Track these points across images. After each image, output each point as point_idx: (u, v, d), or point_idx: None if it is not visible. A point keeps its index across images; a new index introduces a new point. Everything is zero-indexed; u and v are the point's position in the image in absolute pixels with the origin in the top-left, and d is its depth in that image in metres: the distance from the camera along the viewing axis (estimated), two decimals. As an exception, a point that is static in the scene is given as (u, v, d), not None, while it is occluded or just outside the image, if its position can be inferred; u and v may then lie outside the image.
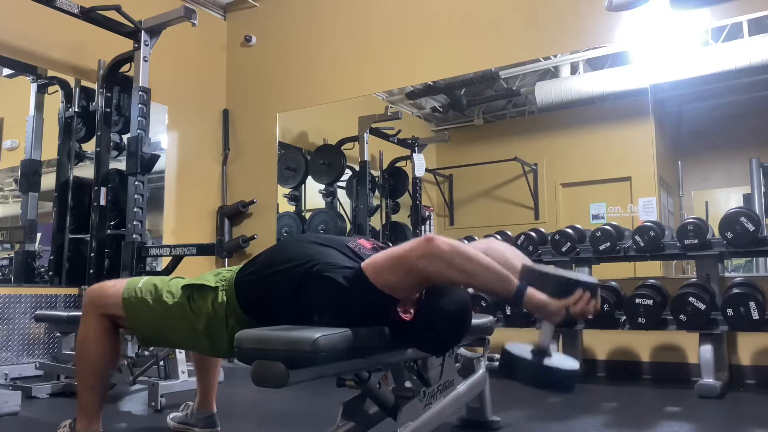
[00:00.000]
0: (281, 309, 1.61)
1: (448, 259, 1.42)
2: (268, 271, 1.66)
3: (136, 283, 1.80)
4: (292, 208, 5.05)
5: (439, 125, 5.36)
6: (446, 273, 1.43)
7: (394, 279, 1.46)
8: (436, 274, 1.43)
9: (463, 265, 1.43)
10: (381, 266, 1.48)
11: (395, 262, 1.47)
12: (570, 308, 1.46)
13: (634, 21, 3.65)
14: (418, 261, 1.43)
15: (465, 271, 1.43)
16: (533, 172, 4.77)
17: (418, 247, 1.44)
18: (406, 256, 1.45)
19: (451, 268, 1.42)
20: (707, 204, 4.10)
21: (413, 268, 1.44)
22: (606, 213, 4.26)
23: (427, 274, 1.43)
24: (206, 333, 1.70)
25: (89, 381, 1.82)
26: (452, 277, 1.44)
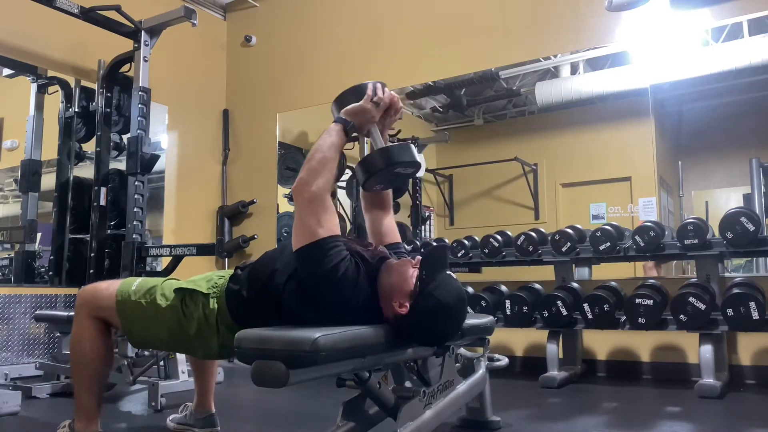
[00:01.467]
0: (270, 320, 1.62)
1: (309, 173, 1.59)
2: (255, 283, 1.69)
3: (130, 285, 1.80)
4: (292, 208, 5.03)
5: (439, 125, 5.36)
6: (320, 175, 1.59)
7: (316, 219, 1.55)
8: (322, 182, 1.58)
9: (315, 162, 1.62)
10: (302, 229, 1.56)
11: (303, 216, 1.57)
12: (374, 99, 1.74)
13: (634, 21, 3.65)
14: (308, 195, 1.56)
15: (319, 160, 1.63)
16: (533, 172, 4.77)
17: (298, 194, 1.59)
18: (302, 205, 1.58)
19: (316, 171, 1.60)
20: (707, 204, 4.10)
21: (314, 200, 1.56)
22: (606, 213, 4.26)
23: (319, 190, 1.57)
24: (197, 337, 1.71)
25: (85, 382, 1.82)
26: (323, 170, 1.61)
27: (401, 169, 1.79)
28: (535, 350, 3.72)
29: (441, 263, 1.62)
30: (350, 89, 1.82)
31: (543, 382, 3.22)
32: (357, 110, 1.75)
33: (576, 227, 3.66)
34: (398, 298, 1.56)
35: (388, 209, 2.01)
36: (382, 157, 1.75)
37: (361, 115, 1.75)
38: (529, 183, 4.76)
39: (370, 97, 1.75)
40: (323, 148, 1.66)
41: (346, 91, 1.82)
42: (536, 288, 3.58)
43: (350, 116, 1.74)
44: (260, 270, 1.72)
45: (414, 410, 1.66)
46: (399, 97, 1.84)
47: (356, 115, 1.74)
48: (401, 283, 1.58)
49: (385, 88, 1.80)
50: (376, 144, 1.79)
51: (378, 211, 1.97)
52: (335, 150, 1.67)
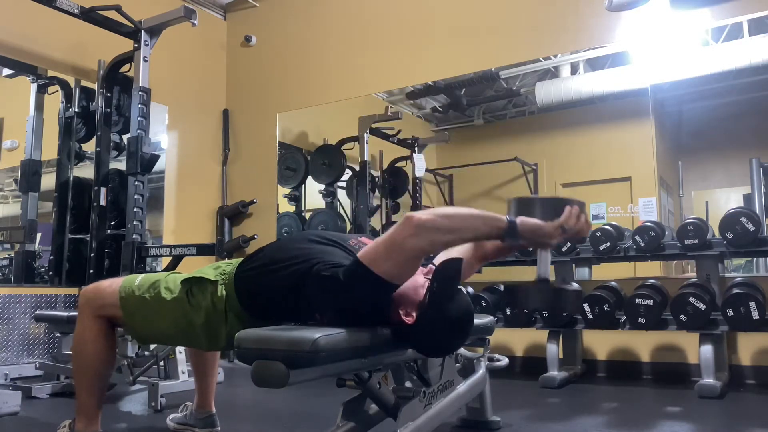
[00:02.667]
0: (281, 306, 1.61)
1: (433, 226, 1.41)
2: (269, 268, 1.65)
3: (133, 281, 1.79)
4: (292, 208, 5.05)
5: (439, 125, 5.36)
6: (437, 239, 1.43)
7: (392, 263, 1.44)
8: (429, 245, 1.42)
9: (448, 224, 1.43)
10: (376, 254, 1.46)
11: (388, 247, 1.45)
12: (564, 226, 1.47)
13: (634, 21, 3.65)
14: (407, 240, 1.41)
15: (453, 229, 1.43)
16: (533, 172, 4.77)
17: (402, 228, 1.42)
18: (396, 240, 1.43)
19: (440, 232, 1.42)
20: (707, 204, 4.10)
21: (406, 248, 1.42)
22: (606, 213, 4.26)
23: (420, 248, 1.42)
24: (204, 327, 1.69)
25: (87, 382, 1.82)
26: (444, 240, 1.44)
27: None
28: (535, 350, 3.72)
29: (453, 277, 1.57)
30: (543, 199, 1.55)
31: (543, 382, 3.22)
32: (538, 231, 1.48)
33: (576, 227, 3.65)
34: (406, 306, 1.53)
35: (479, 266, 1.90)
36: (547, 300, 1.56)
37: (540, 238, 1.49)
38: (529, 183, 4.76)
39: (562, 223, 1.48)
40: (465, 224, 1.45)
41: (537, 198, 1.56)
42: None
43: (527, 231, 1.47)
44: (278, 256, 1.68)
45: (414, 410, 1.66)
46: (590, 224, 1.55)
47: (534, 233, 1.48)
48: (410, 291, 1.55)
49: (582, 215, 1.51)
50: (541, 270, 1.55)
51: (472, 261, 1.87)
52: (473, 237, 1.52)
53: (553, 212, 1.48)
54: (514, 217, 1.47)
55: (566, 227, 1.48)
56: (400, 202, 5.13)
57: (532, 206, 1.51)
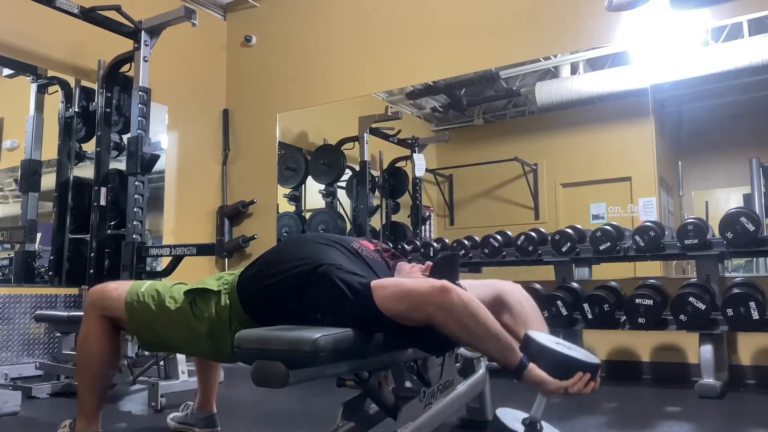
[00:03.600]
0: (284, 309, 1.61)
1: (458, 316, 1.40)
2: (270, 272, 1.66)
3: (139, 287, 1.80)
4: (292, 208, 5.05)
5: (439, 125, 5.36)
6: (452, 327, 1.42)
7: (400, 309, 1.44)
8: (441, 324, 1.42)
9: (470, 326, 1.41)
10: (390, 293, 1.45)
11: (406, 295, 1.44)
12: (568, 389, 1.45)
13: (634, 21, 3.65)
14: (427, 306, 1.41)
15: (471, 332, 1.42)
16: (533, 172, 4.77)
17: (431, 293, 1.41)
18: (417, 298, 1.43)
19: (458, 325, 1.41)
20: (707, 204, 4.10)
21: (420, 309, 1.42)
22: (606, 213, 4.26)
23: (432, 319, 1.42)
24: (209, 337, 1.70)
25: (89, 381, 1.83)
26: (457, 333, 1.43)
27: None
28: (535, 350, 3.72)
29: (451, 272, 1.59)
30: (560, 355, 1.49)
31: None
32: (542, 385, 1.45)
33: (576, 227, 3.66)
34: None
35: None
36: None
37: (545, 390, 1.47)
38: (529, 183, 4.77)
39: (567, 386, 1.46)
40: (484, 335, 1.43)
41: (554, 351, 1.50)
42: (536, 288, 3.58)
43: (531, 380, 1.45)
44: (278, 259, 1.69)
45: (414, 410, 1.66)
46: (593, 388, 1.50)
47: (537, 386, 1.46)
48: None
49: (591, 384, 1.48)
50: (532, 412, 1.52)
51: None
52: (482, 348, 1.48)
53: (564, 373, 1.46)
54: (527, 362, 1.45)
55: (571, 391, 1.46)
56: (400, 202, 5.13)
57: (545, 356, 1.48)
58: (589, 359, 1.51)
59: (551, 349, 1.50)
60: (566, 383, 1.45)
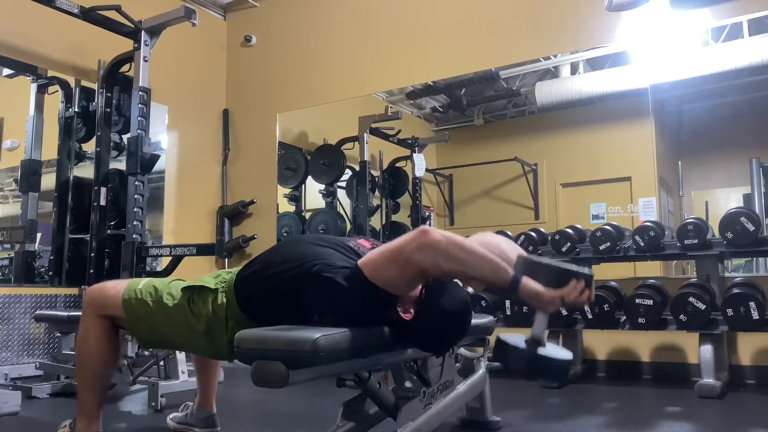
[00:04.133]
0: (281, 310, 1.61)
1: (443, 250, 1.42)
2: (267, 272, 1.66)
3: (137, 284, 1.80)
4: (292, 208, 5.05)
5: (439, 125, 5.36)
6: (442, 264, 1.43)
7: (391, 274, 1.46)
8: (431, 266, 1.43)
9: (457, 255, 1.43)
10: (377, 262, 1.48)
11: (391, 256, 1.47)
12: (564, 298, 1.47)
13: (634, 21, 3.65)
14: (413, 254, 1.43)
15: (460, 261, 1.44)
16: (533, 172, 4.77)
17: (412, 239, 1.44)
18: (402, 250, 1.45)
19: (447, 258, 1.42)
20: (707, 204, 4.10)
21: (409, 262, 1.44)
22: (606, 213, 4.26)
23: (423, 266, 1.43)
24: (206, 335, 1.70)
25: (89, 381, 1.82)
26: (448, 267, 1.44)
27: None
28: (535, 350, 3.72)
29: None
30: (553, 267, 1.52)
31: (543, 382, 3.21)
32: (538, 297, 1.48)
33: (576, 227, 3.66)
34: (403, 303, 1.55)
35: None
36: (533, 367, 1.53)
37: (540, 303, 1.49)
38: (529, 183, 4.77)
39: (563, 295, 1.47)
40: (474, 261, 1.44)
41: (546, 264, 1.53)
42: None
43: (527, 296, 1.48)
44: (275, 259, 1.69)
45: (414, 410, 1.66)
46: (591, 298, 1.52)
47: (533, 299, 1.49)
48: None
49: (586, 291, 1.49)
50: (534, 331, 1.52)
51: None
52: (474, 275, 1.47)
53: (558, 282, 1.48)
54: (519, 275, 1.47)
55: (567, 300, 1.47)
56: (400, 202, 5.13)
57: (538, 270, 1.50)
58: (582, 269, 1.53)
59: (543, 262, 1.54)
60: (561, 292, 1.47)
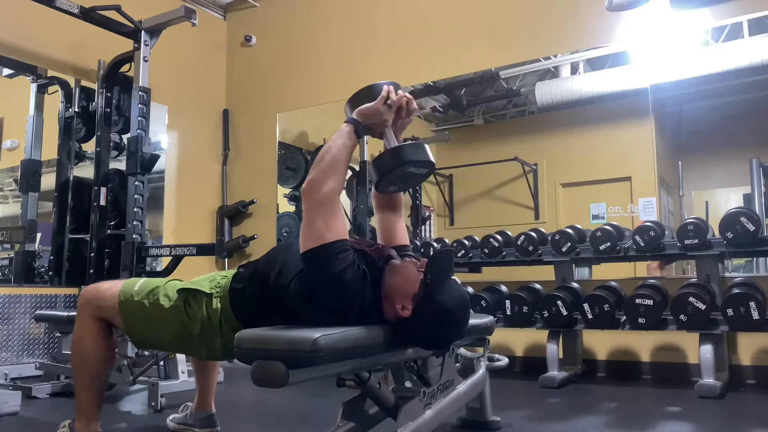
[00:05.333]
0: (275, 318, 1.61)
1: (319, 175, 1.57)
2: (258, 281, 1.68)
3: (133, 285, 1.80)
4: (292, 208, 5.05)
5: (439, 125, 5.36)
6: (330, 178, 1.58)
7: (324, 222, 1.54)
8: (332, 184, 1.58)
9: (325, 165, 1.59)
10: (309, 233, 1.55)
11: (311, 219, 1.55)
12: (388, 101, 1.71)
13: (634, 21, 3.65)
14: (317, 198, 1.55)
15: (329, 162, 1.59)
16: (533, 172, 4.77)
17: (306, 197, 1.57)
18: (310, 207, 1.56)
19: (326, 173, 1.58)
20: (707, 204, 4.10)
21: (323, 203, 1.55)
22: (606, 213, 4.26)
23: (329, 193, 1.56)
24: (201, 337, 1.71)
25: (86, 381, 1.82)
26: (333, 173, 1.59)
27: (414, 169, 1.75)
28: (535, 350, 3.72)
29: (446, 268, 1.60)
30: (363, 89, 1.78)
31: (543, 382, 3.22)
32: (369, 111, 1.71)
33: (576, 227, 3.66)
34: (401, 300, 1.55)
35: (400, 211, 1.99)
36: (394, 157, 1.71)
37: (374, 117, 1.72)
38: (529, 183, 4.76)
39: (383, 99, 1.71)
40: (333, 150, 1.62)
41: (359, 91, 1.78)
42: (536, 288, 3.58)
43: (362, 117, 1.71)
44: (265, 268, 1.72)
45: (414, 410, 1.66)
46: (412, 98, 1.80)
47: (368, 116, 1.71)
48: (405, 285, 1.57)
49: (399, 90, 1.76)
50: (389, 145, 1.75)
51: (389, 213, 1.97)
52: (346, 152, 1.64)
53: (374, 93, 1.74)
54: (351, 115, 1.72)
55: (389, 102, 1.71)
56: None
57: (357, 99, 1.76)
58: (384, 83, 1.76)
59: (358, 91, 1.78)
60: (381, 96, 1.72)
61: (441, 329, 1.58)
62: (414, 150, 1.73)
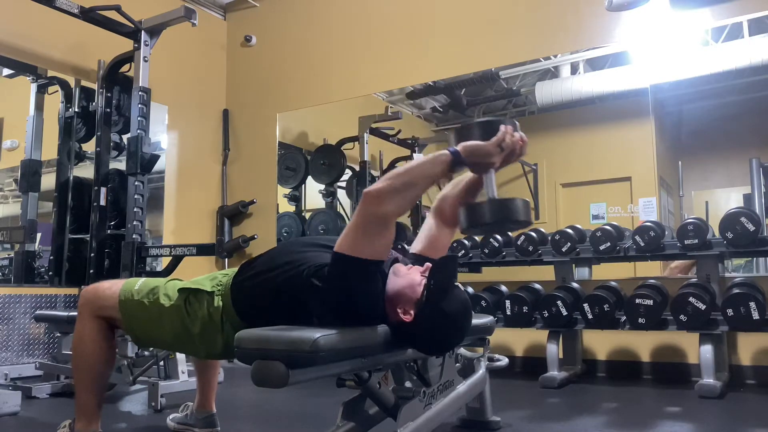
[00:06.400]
0: (276, 314, 1.61)
1: (391, 189, 1.46)
2: (263, 277, 1.67)
3: (133, 285, 1.80)
4: (292, 208, 5.05)
5: (439, 125, 5.36)
6: (398, 199, 1.47)
7: (369, 240, 1.47)
8: (394, 207, 1.47)
9: (403, 181, 1.48)
10: (352, 238, 1.49)
11: (361, 226, 1.48)
12: (502, 144, 1.57)
13: (634, 21, 3.65)
14: (376, 212, 1.46)
15: (408, 183, 1.48)
16: (533, 172, 4.76)
17: (366, 204, 1.47)
18: (365, 216, 1.47)
19: (399, 192, 1.47)
20: (707, 204, 4.10)
21: (377, 219, 1.46)
22: (606, 213, 4.26)
23: (389, 213, 1.47)
24: (201, 337, 1.70)
25: (87, 382, 1.82)
26: (404, 196, 1.48)
27: (513, 225, 1.65)
28: (535, 350, 3.72)
29: (450, 274, 1.58)
30: (479, 123, 1.61)
31: (543, 382, 3.22)
32: (479, 150, 1.56)
33: (576, 227, 3.66)
34: (403, 304, 1.54)
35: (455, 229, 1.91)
36: (498, 211, 1.58)
37: (482, 157, 1.57)
38: (529, 183, 4.76)
39: (499, 141, 1.57)
40: (416, 173, 1.51)
41: (472, 123, 1.61)
42: (536, 288, 3.58)
43: (467, 153, 1.55)
44: (268, 261, 1.70)
45: (414, 410, 1.66)
46: (527, 143, 1.65)
47: (476, 154, 1.56)
48: (408, 290, 1.55)
49: (516, 132, 1.61)
50: (489, 192, 1.60)
51: (447, 230, 1.89)
52: (429, 182, 1.53)
53: (490, 131, 1.58)
54: (455, 147, 1.56)
55: (503, 145, 1.57)
56: (400, 202, 5.12)
57: (470, 133, 1.59)
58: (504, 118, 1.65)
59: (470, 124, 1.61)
60: (497, 138, 1.57)
61: (442, 335, 1.57)
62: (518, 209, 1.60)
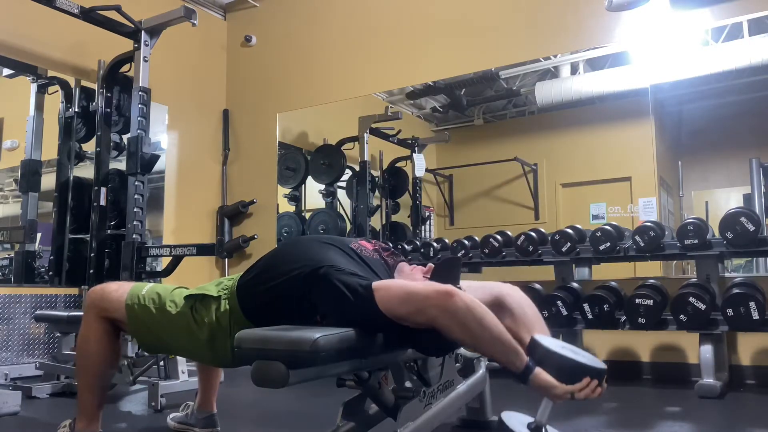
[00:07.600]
0: (284, 313, 1.60)
1: (462, 320, 1.39)
2: (269, 275, 1.66)
3: (140, 290, 1.79)
4: (292, 208, 5.05)
5: (439, 125, 5.36)
6: (455, 331, 1.41)
7: (402, 312, 1.44)
8: (444, 327, 1.41)
9: (474, 330, 1.40)
10: (393, 295, 1.45)
11: (409, 298, 1.43)
12: (575, 394, 1.45)
13: (634, 21, 3.65)
14: (430, 309, 1.40)
15: (475, 336, 1.41)
16: (533, 172, 4.77)
17: (435, 296, 1.40)
18: (421, 300, 1.42)
19: (462, 329, 1.40)
20: (707, 204, 4.10)
21: (423, 312, 1.41)
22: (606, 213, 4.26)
23: (435, 322, 1.41)
24: (209, 343, 1.69)
25: (89, 381, 1.82)
26: (460, 337, 1.42)
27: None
28: (535, 350, 3.72)
29: (452, 275, 1.59)
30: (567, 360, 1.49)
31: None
32: (549, 390, 1.46)
33: (576, 227, 3.66)
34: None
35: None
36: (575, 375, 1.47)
37: (552, 395, 1.47)
38: (529, 183, 4.77)
39: (574, 391, 1.46)
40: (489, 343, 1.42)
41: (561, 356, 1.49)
42: (536, 288, 3.58)
43: (537, 385, 1.46)
44: (273, 260, 1.70)
45: (414, 410, 1.66)
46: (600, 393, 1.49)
47: (544, 391, 1.47)
48: None
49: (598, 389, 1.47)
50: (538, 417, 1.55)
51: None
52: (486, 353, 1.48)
53: (571, 377, 1.46)
54: (533, 366, 1.45)
55: (577, 396, 1.45)
56: (400, 202, 5.13)
57: (551, 361, 1.47)
58: (596, 364, 1.51)
59: (559, 354, 1.49)
60: (573, 388, 1.44)
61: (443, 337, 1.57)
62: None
